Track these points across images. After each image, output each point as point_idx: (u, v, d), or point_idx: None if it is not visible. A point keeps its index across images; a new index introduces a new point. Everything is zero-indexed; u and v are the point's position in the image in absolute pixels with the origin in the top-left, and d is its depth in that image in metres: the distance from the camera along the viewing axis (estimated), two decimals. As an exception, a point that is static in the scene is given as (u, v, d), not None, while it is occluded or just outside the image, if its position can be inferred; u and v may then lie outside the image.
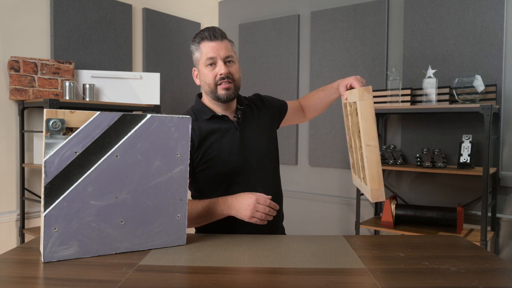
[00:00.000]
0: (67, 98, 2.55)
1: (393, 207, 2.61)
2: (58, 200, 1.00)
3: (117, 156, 1.06)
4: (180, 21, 3.48)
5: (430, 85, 2.54)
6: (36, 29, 2.62)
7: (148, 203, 1.10)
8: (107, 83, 2.81)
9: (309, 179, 3.33)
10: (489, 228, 2.53)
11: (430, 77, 2.55)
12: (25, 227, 2.59)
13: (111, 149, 1.05)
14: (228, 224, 1.41)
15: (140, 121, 1.08)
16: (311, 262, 1.03)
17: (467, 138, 2.49)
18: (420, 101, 2.61)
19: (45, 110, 0.99)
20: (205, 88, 1.44)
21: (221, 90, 1.41)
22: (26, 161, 2.58)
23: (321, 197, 3.26)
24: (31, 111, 2.63)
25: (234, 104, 1.51)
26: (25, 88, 2.49)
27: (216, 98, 1.42)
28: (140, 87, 2.89)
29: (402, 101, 2.63)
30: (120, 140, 1.06)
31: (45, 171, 0.98)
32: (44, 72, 2.55)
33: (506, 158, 2.53)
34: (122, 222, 1.08)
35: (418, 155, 2.61)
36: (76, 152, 1.01)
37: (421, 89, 2.61)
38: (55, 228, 1.00)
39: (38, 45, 2.64)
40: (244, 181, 1.44)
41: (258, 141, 1.49)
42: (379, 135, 2.91)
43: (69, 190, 1.01)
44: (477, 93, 2.40)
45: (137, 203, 1.09)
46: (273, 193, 1.45)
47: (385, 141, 2.94)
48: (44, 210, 0.99)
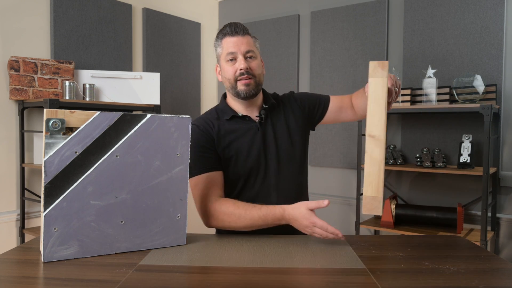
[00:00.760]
0: (67, 98, 2.55)
1: (393, 207, 2.61)
2: (58, 200, 1.00)
3: (117, 156, 1.06)
4: (180, 21, 3.48)
5: (430, 85, 2.54)
6: (36, 29, 2.62)
7: (148, 203, 1.10)
8: (107, 83, 2.81)
9: (309, 179, 3.32)
10: (489, 228, 2.53)
11: (430, 77, 2.55)
12: (25, 227, 2.59)
13: (111, 149, 1.05)
14: None
15: (140, 121, 1.08)
16: (311, 262, 1.03)
17: (467, 138, 2.49)
18: (420, 101, 2.61)
19: (45, 110, 0.99)
20: (226, 84, 1.43)
21: (240, 86, 1.38)
22: (26, 161, 2.58)
23: (321, 197, 3.26)
24: (31, 111, 2.63)
25: (257, 103, 1.47)
26: (25, 88, 2.49)
27: (236, 94, 1.41)
28: (140, 87, 2.89)
29: (402, 101, 2.63)
30: (120, 140, 1.06)
31: (45, 171, 0.98)
32: (44, 72, 2.55)
33: (506, 158, 2.53)
34: (122, 222, 1.08)
35: (418, 155, 2.61)
36: (76, 152, 1.01)
37: (421, 89, 2.61)
38: (55, 228, 1.00)
39: (38, 45, 2.64)
40: (259, 183, 1.42)
41: (280, 143, 1.44)
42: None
43: (69, 190, 1.01)
44: (477, 93, 2.40)
45: (137, 203, 1.09)
46: (289, 197, 1.41)
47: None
48: (44, 210, 0.99)
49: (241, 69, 1.37)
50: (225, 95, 1.51)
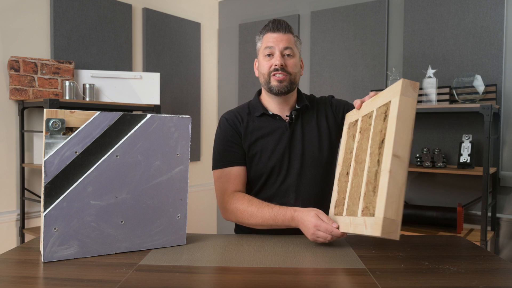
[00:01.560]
0: (67, 98, 2.55)
1: (393, 207, 2.61)
2: (58, 200, 1.00)
3: (117, 156, 1.06)
4: (180, 21, 3.48)
5: (430, 85, 2.54)
6: (36, 29, 2.62)
7: (148, 203, 1.10)
8: (107, 83, 2.81)
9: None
10: (489, 228, 2.53)
11: (430, 77, 2.55)
12: (25, 227, 2.59)
13: (111, 149, 1.05)
14: None
15: (140, 121, 1.08)
16: (311, 262, 1.03)
17: (467, 138, 2.49)
18: (420, 101, 2.61)
19: (45, 110, 0.99)
20: (260, 78, 1.44)
21: (273, 82, 1.39)
22: (26, 161, 2.58)
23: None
24: (31, 111, 2.63)
25: (290, 103, 1.46)
26: (25, 88, 2.49)
27: (269, 89, 1.41)
28: (140, 87, 2.89)
29: (402, 101, 2.62)
30: (120, 140, 1.06)
31: (45, 171, 0.98)
32: (44, 72, 2.55)
33: (506, 158, 2.53)
34: (122, 222, 1.08)
35: (418, 155, 2.61)
36: (76, 152, 1.01)
37: (421, 89, 2.61)
38: (55, 228, 1.00)
39: (38, 45, 2.64)
40: (279, 182, 1.42)
41: (307, 146, 1.43)
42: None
43: (69, 190, 1.01)
44: (477, 93, 2.40)
45: (137, 203, 1.09)
46: (308, 201, 1.41)
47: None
48: (44, 210, 0.99)
49: (275, 65, 1.37)
50: (260, 92, 1.53)
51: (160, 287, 0.86)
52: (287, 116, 1.45)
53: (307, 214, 1.20)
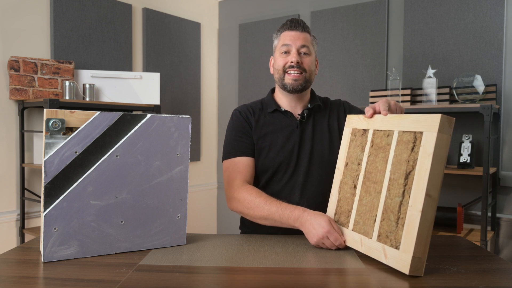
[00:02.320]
0: (67, 98, 2.55)
1: (393, 207, 2.61)
2: (58, 200, 1.00)
3: (117, 156, 1.06)
4: (180, 21, 3.48)
5: (430, 85, 2.54)
6: (36, 29, 2.62)
7: (148, 203, 1.10)
8: (107, 83, 2.81)
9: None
10: (489, 228, 2.53)
11: (430, 77, 2.55)
12: (25, 227, 2.59)
13: (111, 149, 1.05)
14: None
15: (140, 121, 1.08)
16: (311, 262, 1.03)
17: (467, 138, 2.49)
18: (420, 101, 2.61)
19: (45, 110, 0.99)
20: (275, 75, 1.45)
21: (288, 79, 1.40)
22: (26, 161, 2.58)
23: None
24: (31, 111, 2.63)
25: (303, 101, 1.48)
26: (25, 88, 2.49)
27: (283, 87, 1.42)
28: (140, 87, 2.89)
29: (402, 101, 2.63)
30: (120, 140, 1.06)
31: (45, 171, 0.98)
32: (44, 72, 2.55)
33: (506, 158, 2.53)
34: (122, 222, 1.08)
35: (418, 155, 2.61)
36: (76, 152, 1.01)
37: (421, 89, 2.61)
38: (55, 228, 1.00)
39: (38, 45, 2.64)
40: (286, 179, 1.42)
41: (317, 145, 1.43)
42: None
43: (69, 190, 1.01)
44: (477, 93, 2.40)
45: (137, 203, 1.09)
46: (313, 200, 1.41)
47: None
48: (44, 210, 0.99)
49: (291, 62, 1.39)
50: (273, 90, 1.54)
51: (160, 287, 0.86)
52: (298, 114, 1.46)
53: (320, 218, 1.16)
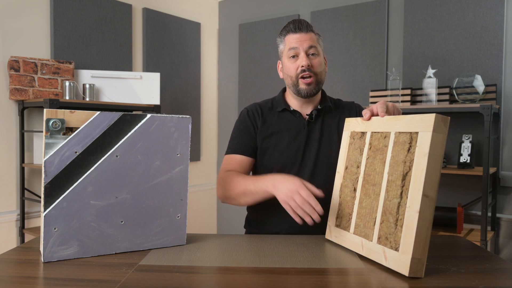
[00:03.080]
0: (67, 98, 2.55)
1: (393, 207, 2.61)
2: (58, 200, 1.00)
3: (117, 156, 1.06)
4: (180, 21, 3.48)
5: (430, 85, 2.54)
6: (36, 29, 2.62)
7: (148, 203, 1.10)
8: (107, 83, 2.81)
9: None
10: (489, 228, 2.54)
11: (430, 77, 2.55)
12: (25, 227, 2.59)
13: (111, 149, 1.05)
14: (271, 220, 1.43)
15: (140, 121, 1.08)
16: (311, 262, 1.03)
17: (467, 138, 2.49)
18: (420, 101, 2.61)
19: (45, 110, 0.99)
20: (287, 81, 1.44)
21: (302, 84, 1.39)
22: (26, 161, 2.58)
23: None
24: (31, 111, 2.63)
25: (314, 102, 1.47)
26: (25, 88, 2.49)
27: (297, 92, 1.41)
28: (140, 87, 2.89)
29: (402, 101, 2.63)
30: (120, 140, 1.06)
31: (45, 171, 0.98)
32: (44, 72, 2.55)
33: (506, 158, 2.53)
34: (122, 222, 1.08)
35: (418, 155, 2.61)
36: (76, 152, 1.01)
37: (421, 89, 2.61)
38: (55, 228, 1.00)
39: (38, 45, 2.64)
40: None
41: (323, 146, 1.43)
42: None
43: (69, 190, 1.01)
44: (477, 93, 2.40)
45: (137, 203, 1.09)
46: (318, 201, 1.41)
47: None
48: (44, 210, 0.99)
49: (302, 66, 1.37)
50: (285, 89, 1.53)
51: (160, 287, 0.86)
52: (307, 114, 1.45)
53: (293, 177, 1.15)
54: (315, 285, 0.88)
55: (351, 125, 1.22)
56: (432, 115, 0.91)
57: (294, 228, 1.33)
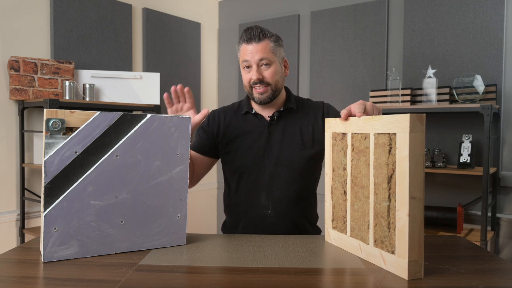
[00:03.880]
0: (67, 98, 2.55)
1: (393, 207, 2.61)
2: (58, 200, 1.00)
3: (117, 156, 1.06)
4: (180, 21, 3.48)
5: (430, 85, 2.54)
6: (36, 29, 2.62)
7: (148, 203, 1.10)
8: (107, 83, 2.81)
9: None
10: (489, 228, 2.54)
11: (430, 77, 2.55)
12: (25, 227, 2.59)
13: (111, 149, 1.05)
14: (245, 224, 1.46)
15: (140, 121, 1.08)
16: (311, 262, 1.03)
17: (467, 138, 2.49)
18: (420, 101, 2.61)
19: (45, 110, 0.99)
20: (244, 87, 1.48)
21: (255, 94, 1.42)
22: (26, 161, 2.58)
23: (321, 196, 3.25)
24: (31, 111, 2.63)
25: (277, 104, 1.48)
26: (25, 88, 2.49)
27: (252, 99, 1.46)
28: (140, 87, 2.89)
29: (402, 101, 2.63)
30: (120, 140, 1.06)
31: (45, 171, 0.98)
32: (44, 72, 2.55)
33: (506, 158, 2.53)
34: (122, 222, 1.08)
35: (418, 155, 2.61)
36: (76, 152, 1.01)
37: (421, 89, 2.61)
38: (55, 228, 1.00)
39: (38, 45, 2.64)
40: (251, 181, 1.44)
41: (285, 147, 1.44)
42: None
43: (69, 190, 1.01)
44: (477, 93, 2.40)
45: (137, 203, 1.09)
46: (280, 201, 1.43)
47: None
48: (44, 210, 0.99)
49: (253, 79, 1.40)
50: None
51: (160, 287, 0.86)
52: (269, 116, 1.47)
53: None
54: (315, 285, 0.88)
55: (331, 125, 1.21)
56: (407, 116, 0.90)
57: (265, 230, 1.42)
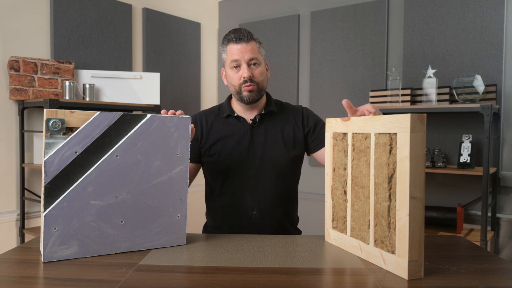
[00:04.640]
0: (67, 98, 2.55)
1: (393, 207, 2.61)
2: (58, 200, 1.00)
3: (117, 156, 1.06)
4: (180, 21, 3.48)
5: (430, 85, 2.54)
6: (36, 29, 2.62)
7: (148, 203, 1.10)
8: (107, 83, 2.81)
9: (309, 179, 3.33)
10: (489, 228, 2.54)
11: (430, 77, 2.55)
12: (25, 227, 2.59)
13: (111, 149, 1.05)
14: (232, 224, 1.46)
15: (140, 121, 1.08)
16: (311, 262, 1.03)
17: (467, 138, 2.49)
18: (420, 101, 2.61)
19: (45, 110, 0.99)
20: (231, 89, 1.47)
21: (245, 92, 1.42)
22: (26, 161, 2.58)
23: (321, 196, 3.26)
24: (31, 111, 2.63)
25: (258, 107, 1.50)
26: (25, 88, 2.49)
27: (240, 99, 1.45)
28: (140, 87, 2.89)
29: (402, 101, 2.63)
30: (120, 140, 1.06)
31: (45, 171, 0.98)
32: (44, 72, 2.55)
33: (506, 158, 2.53)
34: (122, 222, 1.08)
35: (418, 155, 2.61)
36: (76, 152, 1.01)
37: (421, 89, 2.61)
38: (55, 228, 1.00)
39: (38, 45, 2.64)
40: (236, 183, 1.46)
41: (268, 149, 1.46)
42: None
43: (69, 190, 1.01)
44: (477, 93, 2.40)
45: (137, 203, 1.09)
46: (264, 202, 1.45)
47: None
48: (44, 210, 0.99)
49: (244, 77, 1.40)
50: (231, 96, 1.56)
51: (160, 287, 0.86)
52: (251, 119, 1.48)
53: None
54: (315, 285, 0.88)
55: (331, 125, 1.21)
56: (408, 116, 0.90)
57: (251, 229, 1.43)
